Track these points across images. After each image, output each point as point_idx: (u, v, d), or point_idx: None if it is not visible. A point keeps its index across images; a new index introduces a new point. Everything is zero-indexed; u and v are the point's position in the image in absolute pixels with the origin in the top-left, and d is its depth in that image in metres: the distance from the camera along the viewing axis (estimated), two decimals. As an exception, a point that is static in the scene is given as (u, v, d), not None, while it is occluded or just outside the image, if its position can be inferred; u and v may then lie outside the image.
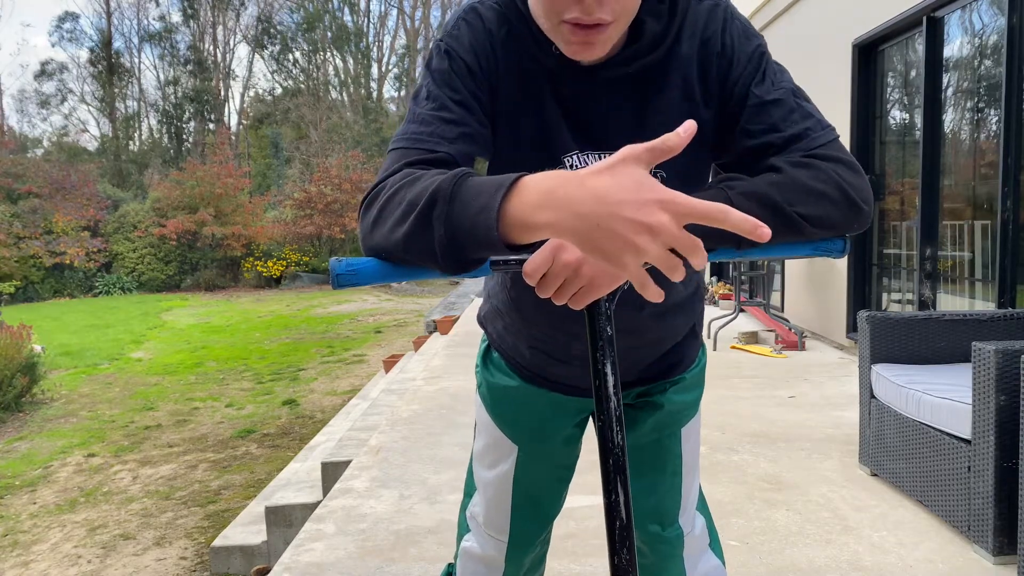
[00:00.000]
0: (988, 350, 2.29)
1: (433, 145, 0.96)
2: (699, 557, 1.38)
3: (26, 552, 4.70)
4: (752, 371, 5.30)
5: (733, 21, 1.05)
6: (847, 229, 0.95)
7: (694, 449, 1.36)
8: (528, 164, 0.94)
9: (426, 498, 3.09)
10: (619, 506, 0.83)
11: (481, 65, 1.03)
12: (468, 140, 0.99)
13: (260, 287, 22.28)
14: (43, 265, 20.61)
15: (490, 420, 1.36)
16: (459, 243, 0.78)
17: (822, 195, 0.92)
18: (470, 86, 1.01)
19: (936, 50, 4.88)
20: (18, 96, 43.40)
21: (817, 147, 0.97)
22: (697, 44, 1.04)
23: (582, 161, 1.06)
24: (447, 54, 1.02)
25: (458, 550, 1.50)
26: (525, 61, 1.04)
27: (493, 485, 1.37)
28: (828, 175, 0.94)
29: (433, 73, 1.03)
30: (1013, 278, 4.11)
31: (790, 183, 0.92)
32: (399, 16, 37.14)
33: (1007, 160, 4.06)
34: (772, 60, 1.06)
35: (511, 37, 1.03)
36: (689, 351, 1.32)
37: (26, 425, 7.83)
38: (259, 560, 3.78)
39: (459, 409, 4.47)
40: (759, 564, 2.42)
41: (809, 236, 0.92)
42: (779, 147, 0.99)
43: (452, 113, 0.99)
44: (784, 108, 1.01)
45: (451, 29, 1.05)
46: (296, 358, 10.99)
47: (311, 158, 29.94)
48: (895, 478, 2.92)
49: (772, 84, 1.03)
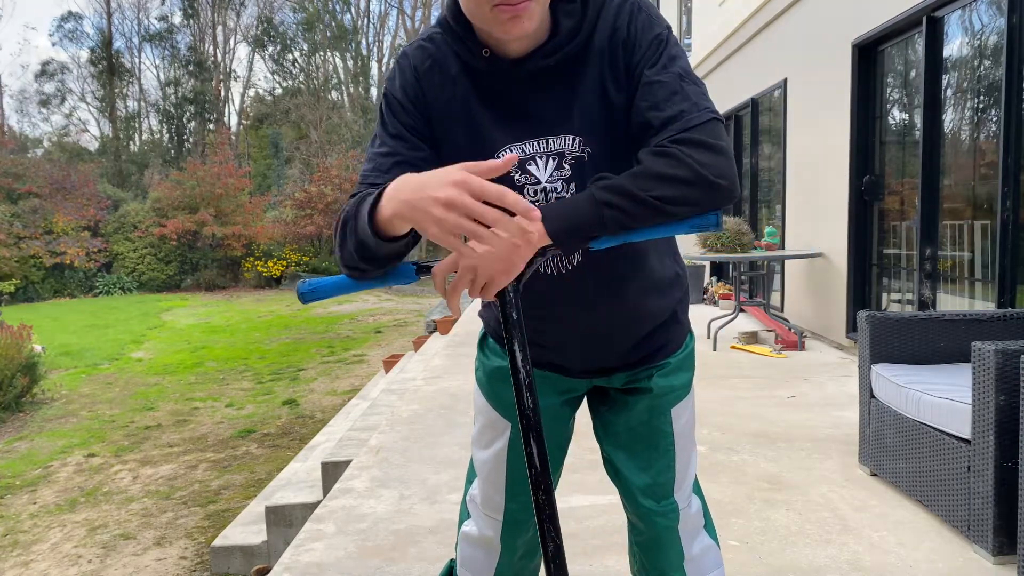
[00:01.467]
0: (988, 350, 2.30)
1: (373, 179, 1.19)
2: (694, 536, 1.45)
3: (26, 552, 4.70)
4: (752, 371, 5.30)
5: (639, 13, 1.18)
6: (710, 205, 1.07)
7: (687, 426, 1.43)
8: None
9: (426, 498, 3.09)
10: (533, 456, 1.03)
11: (411, 99, 1.23)
12: (402, 166, 1.19)
13: (260, 287, 22.30)
14: (43, 265, 20.62)
15: (486, 402, 1.47)
16: (361, 246, 1.05)
17: (675, 179, 1.05)
18: (404, 120, 1.23)
19: (936, 50, 4.88)
20: (19, 96, 43.37)
21: (688, 129, 1.08)
22: (607, 35, 1.18)
23: (515, 150, 1.21)
24: (384, 97, 1.26)
25: (458, 538, 1.57)
26: (449, 83, 1.22)
27: (488, 464, 1.47)
28: (682, 160, 1.06)
29: (380, 115, 1.27)
30: (1013, 278, 4.11)
31: (644, 172, 1.06)
32: (399, 16, 37.15)
33: (1007, 160, 4.06)
34: (673, 47, 1.18)
35: (433, 64, 1.23)
36: (673, 337, 1.41)
37: (26, 425, 7.83)
38: (259, 560, 3.78)
39: (459, 409, 4.47)
40: (759, 564, 2.42)
41: (675, 215, 1.05)
42: (657, 128, 1.11)
43: (387, 147, 1.22)
44: (667, 89, 1.13)
45: (387, 76, 1.28)
46: (296, 358, 10.99)
47: (311, 158, 29.94)
48: (895, 478, 2.93)
49: (663, 68, 1.15)
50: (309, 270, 22.68)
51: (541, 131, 1.21)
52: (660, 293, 1.36)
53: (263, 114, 35.24)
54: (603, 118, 1.19)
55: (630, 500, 1.42)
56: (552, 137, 1.20)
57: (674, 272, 1.40)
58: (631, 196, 1.04)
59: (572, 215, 1.04)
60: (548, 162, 1.21)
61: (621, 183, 1.06)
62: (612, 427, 1.43)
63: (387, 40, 37.30)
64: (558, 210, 1.05)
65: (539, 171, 1.22)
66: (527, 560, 1.54)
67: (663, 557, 1.42)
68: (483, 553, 1.51)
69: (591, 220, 1.04)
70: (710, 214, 1.07)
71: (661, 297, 1.37)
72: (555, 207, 1.05)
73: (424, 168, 1.19)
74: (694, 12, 11.15)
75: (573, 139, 1.20)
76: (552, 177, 1.22)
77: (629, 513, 1.46)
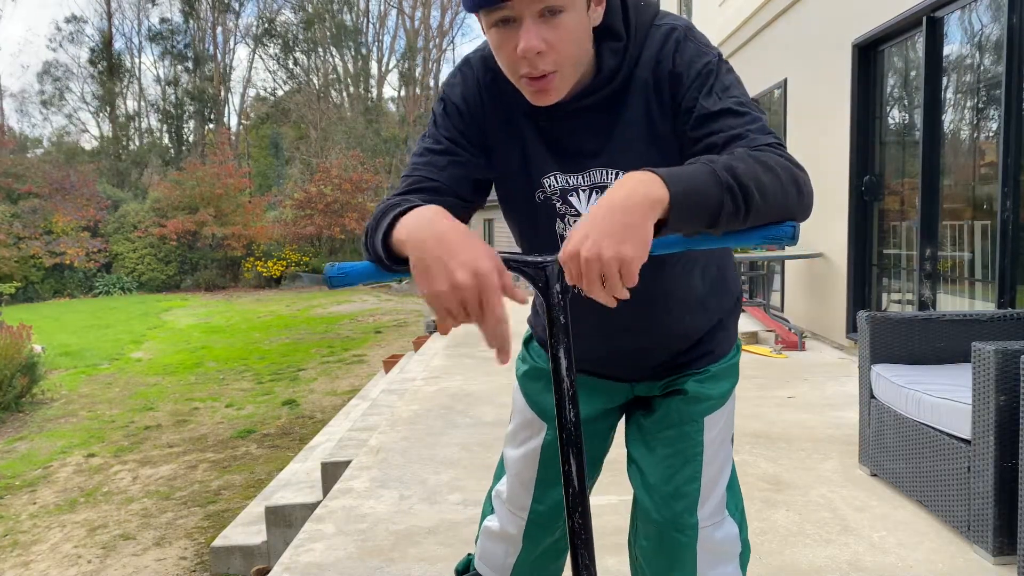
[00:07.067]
0: (988, 350, 2.29)
1: (426, 173, 1.20)
2: (719, 562, 1.36)
3: (26, 552, 4.70)
4: (752, 371, 5.29)
5: (686, 43, 1.16)
6: (796, 211, 1.01)
7: (718, 439, 1.37)
8: (517, 183, 1.26)
9: (426, 498, 3.09)
10: (572, 475, 0.95)
11: (470, 109, 1.24)
12: (457, 166, 1.21)
13: (260, 287, 22.29)
14: (43, 265, 20.62)
15: (524, 402, 1.47)
16: (379, 258, 1.04)
17: (776, 175, 0.99)
18: (460, 126, 1.24)
19: (936, 50, 4.88)
20: (19, 96, 43.39)
21: (758, 147, 1.04)
22: (652, 66, 1.17)
23: (559, 180, 1.23)
24: (442, 101, 1.27)
25: (479, 532, 1.58)
26: (507, 101, 1.23)
27: (520, 462, 1.46)
28: (775, 160, 1.01)
29: (434, 116, 1.27)
30: (1013, 278, 4.11)
31: (747, 161, 0.99)
32: (399, 16, 37.14)
33: (1007, 160, 4.06)
34: (725, 75, 1.15)
35: (495, 82, 1.23)
36: (720, 344, 1.39)
37: (26, 425, 7.83)
38: (259, 560, 3.78)
39: (459, 409, 4.47)
40: (759, 564, 2.41)
41: (765, 218, 0.98)
42: (720, 147, 1.08)
43: (442, 145, 1.22)
44: (729, 115, 1.10)
45: (449, 79, 1.29)
46: (296, 358, 10.99)
47: (311, 158, 29.94)
48: (895, 478, 2.92)
49: (718, 97, 1.12)
50: (309, 270, 22.68)
51: (582, 164, 1.21)
52: (704, 308, 1.35)
53: (263, 114, 35.24)
54: (647, 150, 1.18)
55: (648, 507, 1.35)
56: (593, 170, 1.21)
57: (722, 282, 1.38)
58: (745, 186, 0.96)
59: (700, 190, 0.93)
60: (591, 195, 1.22)
61: (734, 165, 0.97)
62: (644, 429, 1.39)
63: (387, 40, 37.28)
64: (684, 182, 0.93)
65: (580, 203, 1.23)
66: (547, 560, 1.52)
67: (672, 573, 1.34)
68: (503, 549, 1.51)
69: (714, 207, 0.94)
70: (787, 224, 1.00)
71: (704, 311, 1.35)
72: (678, 174, 0.94)
73: (476, 173, 1.24)
74: (694, 12, 11.15)
75: (616, 173, 1.20)
76: None
77: (641, 521, 1.38)
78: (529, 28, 1.02)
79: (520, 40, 1.03)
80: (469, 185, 1.22)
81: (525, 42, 1.02)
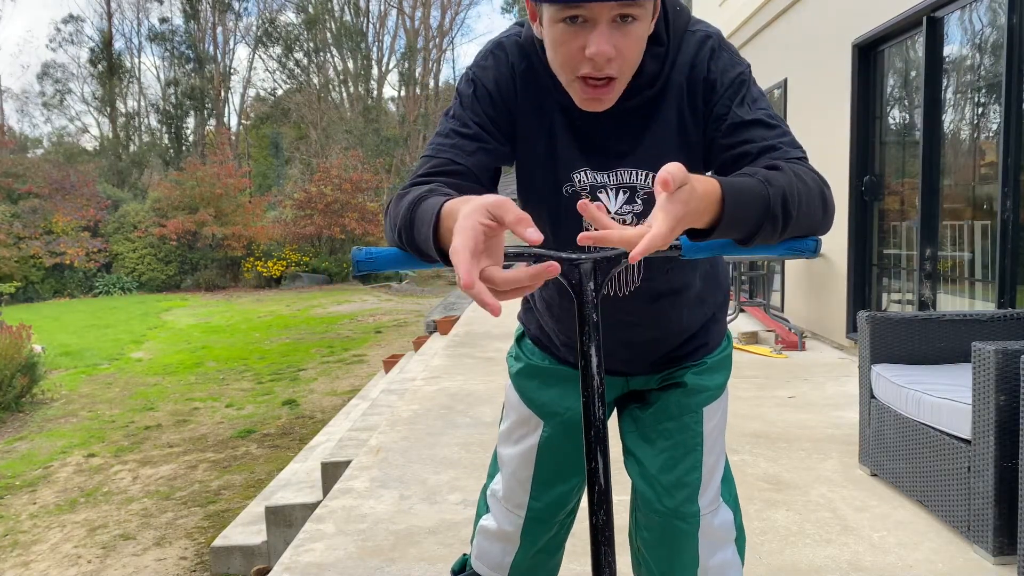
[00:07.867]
0: (988, 350, 2.29)
1: (452, 156, 1.16)
2: (718, 548, 1.40)
3: (26, 552, 4.70)
4: (752, 371, 5.29)
5: (720, 51, 1.19)
6: (820, 226, 1.05)
7: (716, 429, 1.41)
8: (543, 175, 1.24)
9: (426, 498, 3.09)
10: (598, 472, 0.95)
11: (502, 95, 1.21)
12: (485, 153, 1.19)
13: (260, 287, 22.27)
14: (43, 265, 20.60)
15: (519, 400, 1.46)
16: (420, 253, 1.01)
17: (811, 195, 1.02)
18: (489, 111, 1.21)
19: (936, 50, 4.88)
20: (19, 96, 43.36)
21: (790, 159, 1.07)
22: (687, 72, 1.18)
23: (588, 176, 1.23)
24: (472, 82, 1.22)
25: (475, 531, 1.57)
26: (541, 91, 1.21)
27: (516, 459, 1.46)
28: (813, 177, 1.05)
29: (461, 96, 1.23)
30: (1013, 278, 4.11)
31: (791, 175, 1.02)
32: (399, 16, 37.12)
33: (1007, 160, 4.06)
34: (754, 87, 1.19)
35: (530, 70, 1.21)
36: (713, 336, 1.42)
37: (26, 425, 7.83)
38: (259, 560, 3.78)
39: (459, 409, 4.47)
40: (759, 564, 2.41)
41: (794, 232, 1.01)
42: (754, 156, 1.10)
43: (470, 130, 1.19)
44: (761, 126, 1.13)
45: (480, 60, 1.25)
46: (296, 358, 10.99)
47: (311, 158, 29.93)
48: (895, 478, 2.92)
49: (750, 107, 1.15)
50: (309, 270, 22.67)
51: (613, 163, 1.22)
52: (701, 302, 1.39)
53: (263, 114, 35.23)
54: (675, 154, 1.19)
55: (650, 498, 1.37)
56: (622, 169, 1.22)
57: (714, 278, 1.41)
58: (789, 213, 0.98)
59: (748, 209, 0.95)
60: (619, 194, 1.23)
61: (785, 192, 0.98)
62: (641, 422, 1.41)
63: (387, 40, 37.30)
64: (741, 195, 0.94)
65: (608, 201, 1.23)
66: (545, 556, 1.52)
67: (675, 561, 1.37)
68: (500, 547, 1.50)
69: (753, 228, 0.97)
70: (810, 239, 1.04)
71: (702, 306, 1.39)
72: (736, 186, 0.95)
73: (500, 161, 1.22)
74: (694, 13, 11.15)
75: (645, 174, 1.21)
76: (623, 210, 1.23)
77: (641, 513, 1.40)
78: (603, 32, 1.02)
79: (591, 43, 1.03)
80: (491, 174, 1.22)
81: (597, 46, 1.02)
